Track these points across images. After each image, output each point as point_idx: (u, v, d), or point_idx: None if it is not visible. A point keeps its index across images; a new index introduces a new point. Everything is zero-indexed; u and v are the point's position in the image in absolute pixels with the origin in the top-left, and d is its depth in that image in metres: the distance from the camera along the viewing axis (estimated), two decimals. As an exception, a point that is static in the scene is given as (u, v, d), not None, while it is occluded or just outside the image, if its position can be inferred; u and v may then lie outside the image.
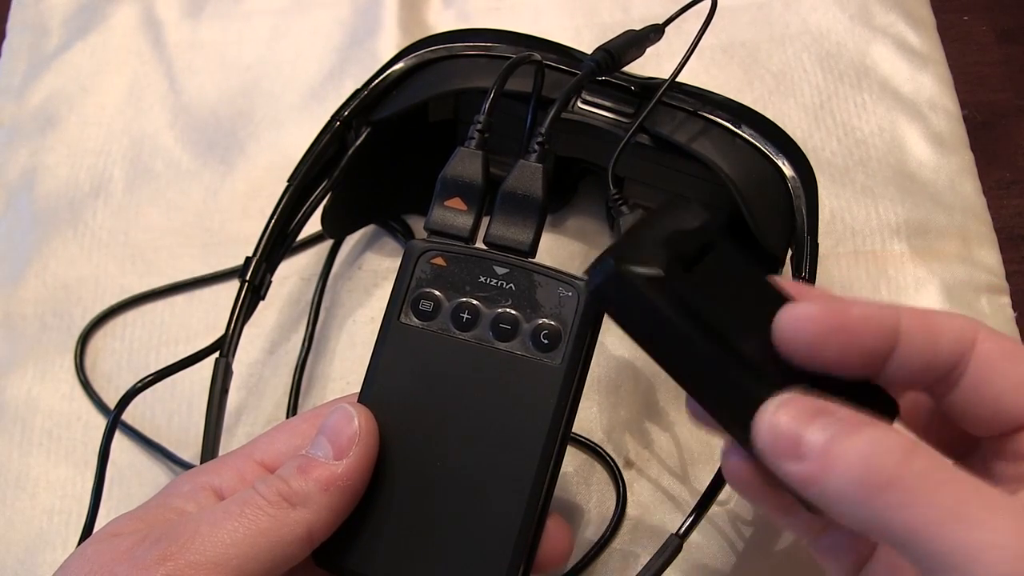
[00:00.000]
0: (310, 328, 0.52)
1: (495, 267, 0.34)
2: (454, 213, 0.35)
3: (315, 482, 0.31)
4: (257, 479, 0.32)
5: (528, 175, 0.35)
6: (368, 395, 0.34)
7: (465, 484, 0.33)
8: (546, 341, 0.33)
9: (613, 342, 0.50)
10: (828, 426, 0.26)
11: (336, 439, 0.32)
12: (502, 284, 0.34)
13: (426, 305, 0.34)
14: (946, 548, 0.23)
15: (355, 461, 0.32)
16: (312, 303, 0.52)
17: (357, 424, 0.32)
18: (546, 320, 0.33)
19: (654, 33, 0.44)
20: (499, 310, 0.33)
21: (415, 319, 0.34)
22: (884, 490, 0.24)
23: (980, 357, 0.28)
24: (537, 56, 0.39)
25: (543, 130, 0.36)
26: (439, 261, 0.34)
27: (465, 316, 0.34)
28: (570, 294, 0.33)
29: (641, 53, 0.43)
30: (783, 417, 0.27)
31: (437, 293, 0.34)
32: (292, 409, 0.50)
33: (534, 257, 0.35)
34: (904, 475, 0.24)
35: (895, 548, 0.25)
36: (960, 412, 0.29)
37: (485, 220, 0.36)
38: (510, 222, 0.35)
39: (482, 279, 0.34)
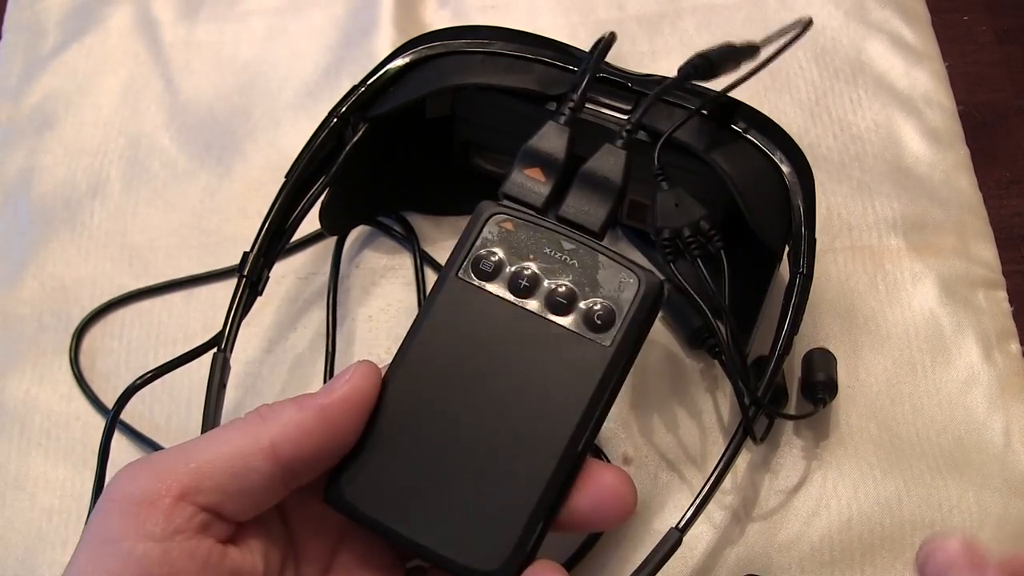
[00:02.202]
0: (331, 330, 0.52)
1: (562, 241, 0.34)
2: (532, 182, 0.36)
3: (292, 400, 0.32)
4: None
5: (611, 159, 0.36)
6: (413, 342, 0.34)
7: (492, 447, 0.33)
8: (599, 321, 0.33)
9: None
10: None
11: (333, 381, 0.33)
12: (566, 259, 0.34)
13: (487, 265, 0.34)
14: None
15: (341, 393, 0.32)
16: (328, 301, 0.52)
17: (353, 368, 0.33)
18: (603, 301, 0.33)
19: (751, 50, 0.42)
20: (558, 283, 0.34)
21: (474, 277, 0.34)
22: None
23: None
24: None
25: (635, 119, 0.36)
26: (508, 225, 0.35)
27: (523, 283, 0.34)
28: (631, 281, 0.34)
29: (737, 67, 0.41)
30: None
31: (500, 255, 0.34)
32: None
33: (603, 240, 0.35)
34: None
35: None
36: None
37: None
38: (585, 202, 0.35)
39: (547, 250, 0.34)
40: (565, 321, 0.33)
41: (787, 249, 0.44)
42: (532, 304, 0.34)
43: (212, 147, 0.58)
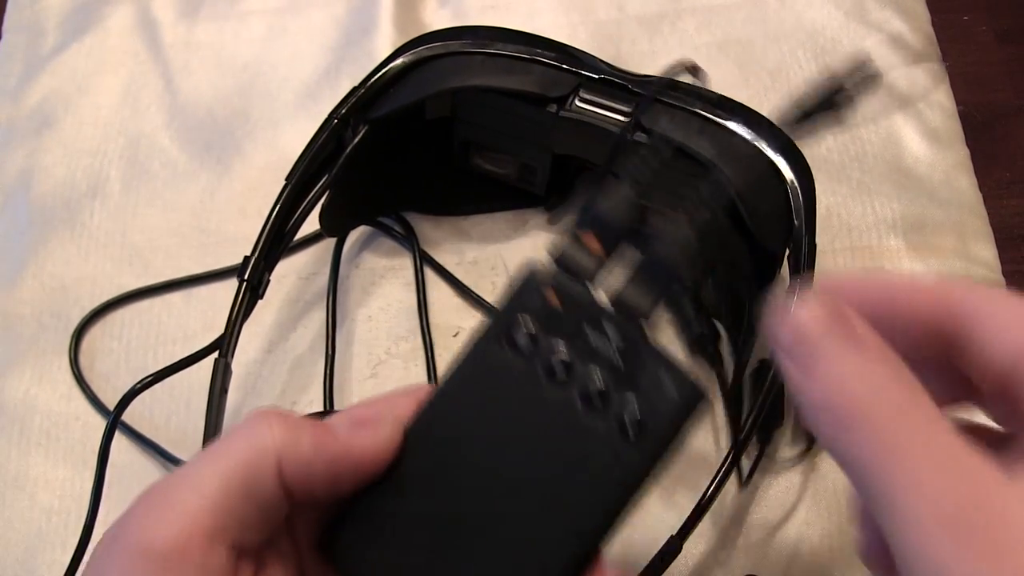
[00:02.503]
0: (331, 331, 0.52)
1: (606, 325, 0.31)
2: (585, 251, 0.32)
3: (308, 426, 0.29)
4: None
5: (675, 239, 0.32)
6: (435, 406, 0.32)
7: (501, 537, 0.31)
8: (631, 430, 0.30)
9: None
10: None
11: (357, 427, 0.30)
12: (607, 347, 0.31)
13: (524, 340, 0.31)
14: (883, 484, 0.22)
15: (360, 450, 0.30)
16: (328, 301, 0.52)
17: (380, 428, 0.31)
18: (640, 407, 0.30)
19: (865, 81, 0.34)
20: (596, 376, 0.30)
21: (508, 349, 0.31)
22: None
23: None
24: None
25: (710, 201, 0.32)
26: (552, 296, 0.31)
27: (559, 368, 0.31)
28: (673, 388, 0.30)
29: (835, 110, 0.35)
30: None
31: (540, 331, 0.31)
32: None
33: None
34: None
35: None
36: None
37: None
38: (638, 281, 0.32)
39: (588, 332, 0.31)
40: (595, 419, 0.30)
41: (787, 251, 0.44)
42: (563, 392, 0.31)
43: (212, 147, 0.58)
